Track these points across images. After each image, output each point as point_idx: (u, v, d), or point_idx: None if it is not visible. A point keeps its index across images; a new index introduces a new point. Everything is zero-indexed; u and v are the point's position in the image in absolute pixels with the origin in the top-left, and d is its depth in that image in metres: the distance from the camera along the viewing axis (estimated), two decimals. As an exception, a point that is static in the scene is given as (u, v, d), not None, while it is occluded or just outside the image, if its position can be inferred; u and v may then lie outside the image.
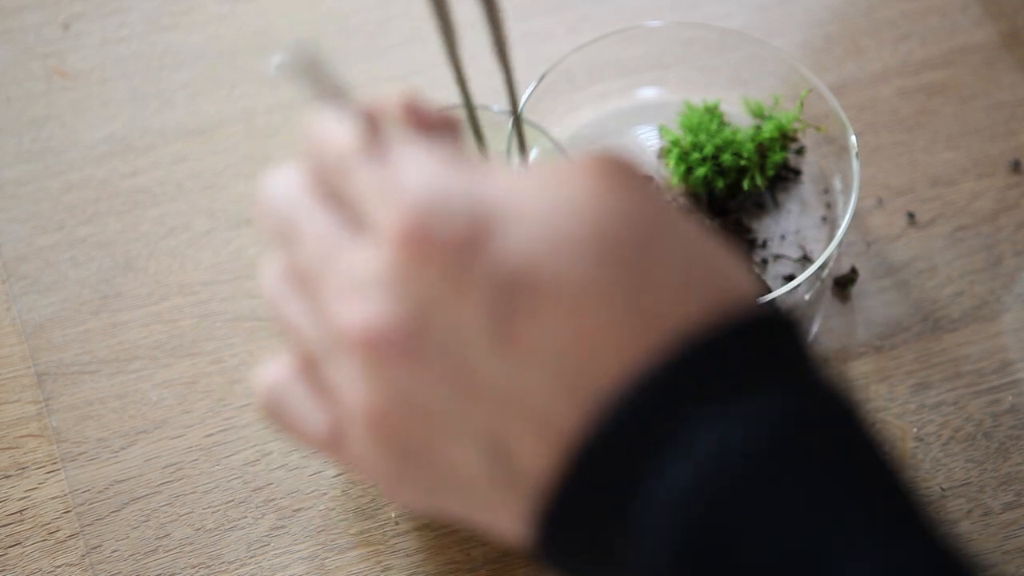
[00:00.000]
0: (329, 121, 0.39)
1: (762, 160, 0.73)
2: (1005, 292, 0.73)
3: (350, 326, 0.36)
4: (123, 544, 0.65)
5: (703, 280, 0.35)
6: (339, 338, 0.36)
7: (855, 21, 0.83)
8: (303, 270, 0.39)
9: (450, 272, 0.35)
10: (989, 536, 0.65)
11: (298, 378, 0.40)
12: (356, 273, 0.36)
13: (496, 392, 0.35)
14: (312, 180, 0.39)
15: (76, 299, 0.71)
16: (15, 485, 0.66)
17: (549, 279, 0.34)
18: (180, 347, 0.70)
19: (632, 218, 0.36)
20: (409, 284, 0.35)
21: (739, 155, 0.72)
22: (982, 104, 0.80)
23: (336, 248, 0.37)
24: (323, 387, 0.39)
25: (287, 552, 0.64)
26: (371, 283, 0.36)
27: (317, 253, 0.38)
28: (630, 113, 0.79)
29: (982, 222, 0.75)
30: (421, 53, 0.81)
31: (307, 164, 0.40)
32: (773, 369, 0.35)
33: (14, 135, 0.77)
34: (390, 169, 0.37)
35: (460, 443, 0.36)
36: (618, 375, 0.34)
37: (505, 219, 0.35)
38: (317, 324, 0.38)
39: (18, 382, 0.69)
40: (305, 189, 0.39)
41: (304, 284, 0.39)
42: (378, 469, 0.37)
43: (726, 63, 0.79)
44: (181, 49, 0.81)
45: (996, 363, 0.71)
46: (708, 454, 0.33)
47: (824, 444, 0.35)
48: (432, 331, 0.35)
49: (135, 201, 0.75)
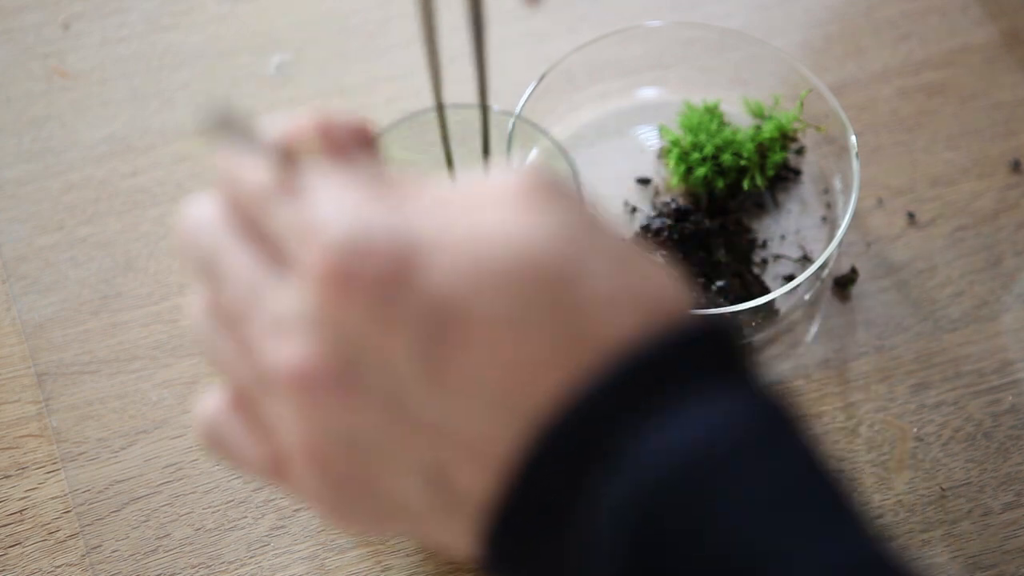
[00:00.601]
0: (242, 157, 0.38)
1: (762, 160, 0.73)
2: (1005, 292, 0.73)
3: (277, 367, 0.36)
4: (123, 544, 0.65)
5: (631, 297, 0.35)
6: (269, 378, 0.36)
7: (855, 21, 0.83)
8: (227, 308, 0.38)
9: (375, 309, 0.34)
10: (989, 536, 0.65)
11: (234, 412, 0.39)
12: (280, 312, 0.36)
13: (431, 424, 0.35)
14: (231, 213, 0.39)
15: (76, 299, 0.71)
16: (15, 485, 0.66)
17: (475, 310, 0.34)
18: (180, 347, 0.70)
19: (556, 241, 0.35)
20: (335, 323, 0.35)
21: (739, 155, 0.72)
22: (982, 104, 0.80)
23: (259, 286, 0.37)
24: (259, 421, 0.39)
25: (287, 552, 0.64)
26: (296, 323, 0.36)
27: (240, 291, 0.37)
28: (630, 113, 0.79)
29: (982, 222, 0.75)
30: (421, 53, 0.81)
31: (224, 196, 0.39)
32: (707, 379, 0.35)
33: (14, 135, 0.77)
34: (307, 205, 0.36)
35: (399, 474, 0.36)
36: (550, 397, 0.34)
37: (428, 250, 0.35)
38: (246, 362, 0.38)
39: (18, 382, 0.69)
40: (225, 222, 0.39)
41: (230, 322, 0.38)
42: (320, 499, 0.37)
43: (726, 63, 0.79)
44: (181, 49, 0.81)
45: (996, 363, 0.71)
46: (643, 466, 0.34)
47: (759, 451, 0.35)
48: (361, 368, 0.35)
49: (135, 201, 0.75)
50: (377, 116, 0.79)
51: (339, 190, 0.36)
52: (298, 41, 0.82)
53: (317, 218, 0.35)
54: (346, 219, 0.35)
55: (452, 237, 0.35)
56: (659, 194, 0.75)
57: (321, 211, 0.35)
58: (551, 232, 0.35)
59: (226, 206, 0.39)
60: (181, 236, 0.39)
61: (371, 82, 0.80)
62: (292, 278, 0.36)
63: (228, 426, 0.39)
